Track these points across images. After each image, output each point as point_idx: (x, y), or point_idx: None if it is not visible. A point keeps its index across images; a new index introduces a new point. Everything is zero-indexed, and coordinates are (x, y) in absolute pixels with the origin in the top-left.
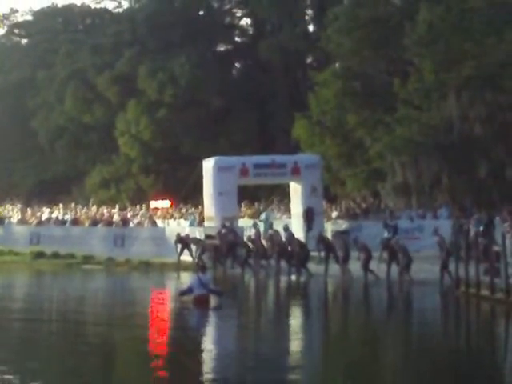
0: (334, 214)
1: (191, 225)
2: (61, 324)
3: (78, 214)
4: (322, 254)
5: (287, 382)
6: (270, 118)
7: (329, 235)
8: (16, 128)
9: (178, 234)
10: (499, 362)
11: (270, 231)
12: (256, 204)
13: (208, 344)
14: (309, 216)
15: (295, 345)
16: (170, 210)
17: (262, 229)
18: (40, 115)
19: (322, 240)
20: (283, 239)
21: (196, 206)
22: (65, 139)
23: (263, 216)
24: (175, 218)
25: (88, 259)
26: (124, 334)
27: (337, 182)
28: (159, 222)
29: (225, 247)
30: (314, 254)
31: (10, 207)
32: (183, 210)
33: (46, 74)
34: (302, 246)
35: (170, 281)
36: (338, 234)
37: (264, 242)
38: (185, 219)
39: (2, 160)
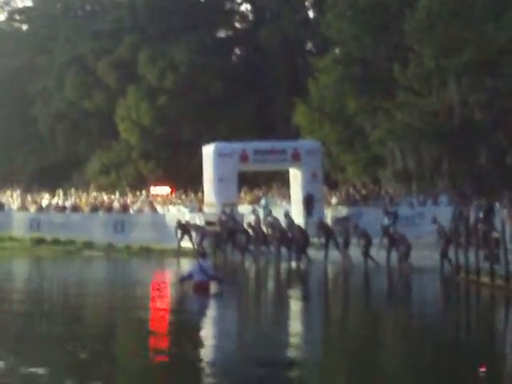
0: (334, 200)
1: (191, 211)
2: (61, 308)
3: (78, 201)
4: (322, 240)
5: (287, 363)
6: (270, 104)
7: (329, 221)
8: (16, 114)
9: (179, 221)
10: (498, 347)
11: (270, 218)
12: (256, 190)
13: (208, 328)
14: (309, 202)
15: (295, 329)
16: (170, 197)
17: (261, 215)
18: (40, 101)
19: (321, 226)
20: (283, 225)
21: (196, 192)
22: (65, 125)
23: (263, 202)
24: (175, 204)
25: (88, 245)
26: (123, 319)
27: (337, 168)
28: (159, 209)
29: (225, 233)
30: (314, 240)
31: (10, 193)
32: (183, 197)
33: (46, 60)
34: (302, 232)
35: (171, 267)
36: (338, 220)
37: (264, 227)
38: (185, 206)
39: (2, 146)
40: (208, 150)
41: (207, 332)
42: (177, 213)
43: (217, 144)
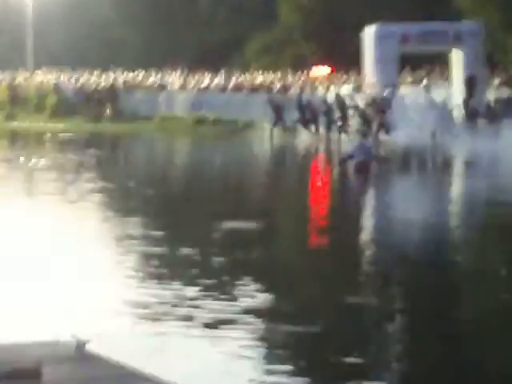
0: (496, 81)
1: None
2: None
3: (239, 80)
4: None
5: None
6: None
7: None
8: None
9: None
10: None
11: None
12: (418, 71)
13: (369, 211)
14: (470, 84)
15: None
16: (331, 77)
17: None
18: None
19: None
20: None
21: (357, 73)
22: (225, 6)
23: (424, 83)
24: (336, 85)
25: (249, 125)
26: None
27: (499, 50)
28: (320, 90)
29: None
30: None
31: (172, 74)
32: (344, 76)
33: None
34: None
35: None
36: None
37: None
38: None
39: (162, 27)
40: (369, 32)
41: (368, 215)
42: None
43: (377, 26)
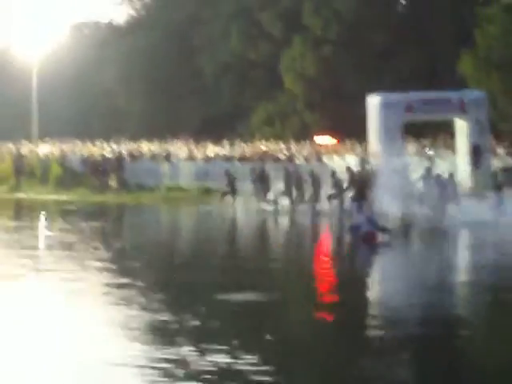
0: (501, 151)
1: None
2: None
3: (245, 151)
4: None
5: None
6: (434, 54)
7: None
8: (181, 65)
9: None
10: None
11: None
12: (421, 140)
13: (375, 279)
14: (476, 153)
15: (466, 281)
16: (336, 147)
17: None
18: (205, 53)
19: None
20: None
21: (361, 143)
22: (230, 76)
23: (428, 153)
24: (341, 155)
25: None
26: (291, 268)
27: (503, 119)
28: (325, 159)
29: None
30: None
31: (177, 144)
32: (348, 147)
33: (211, 12)
34: None
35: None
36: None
37: None
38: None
39: (167, 97)
40: (373, 101)
41: (375, 284)
42: (342, 163)
43: (382, 95)
